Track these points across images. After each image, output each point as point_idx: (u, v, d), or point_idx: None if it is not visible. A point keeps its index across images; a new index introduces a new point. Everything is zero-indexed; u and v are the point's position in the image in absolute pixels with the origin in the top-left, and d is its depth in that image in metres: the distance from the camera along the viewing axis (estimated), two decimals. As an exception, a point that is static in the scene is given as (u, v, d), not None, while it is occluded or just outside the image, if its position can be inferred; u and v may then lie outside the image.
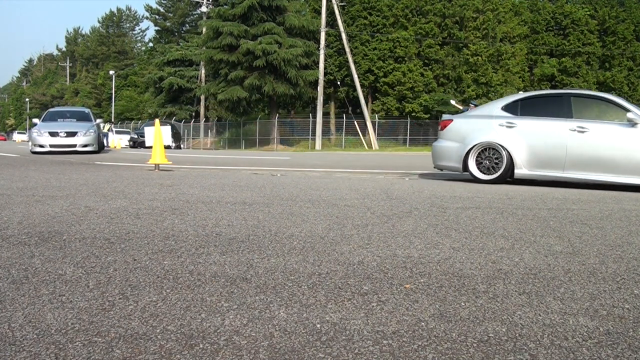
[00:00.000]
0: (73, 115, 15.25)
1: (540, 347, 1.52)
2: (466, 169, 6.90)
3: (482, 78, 29.38)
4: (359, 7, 30.28)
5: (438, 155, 7.35)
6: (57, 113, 15.40)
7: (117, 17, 71.61)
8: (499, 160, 6.66)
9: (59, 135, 13.36)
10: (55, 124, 13.89)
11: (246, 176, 7.16)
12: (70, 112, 15.58)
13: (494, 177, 6.67)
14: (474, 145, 6.82)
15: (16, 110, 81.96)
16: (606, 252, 2.69)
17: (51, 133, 13.32)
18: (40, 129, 13.52)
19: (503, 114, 6.89)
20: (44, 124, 13.96)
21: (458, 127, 7.17)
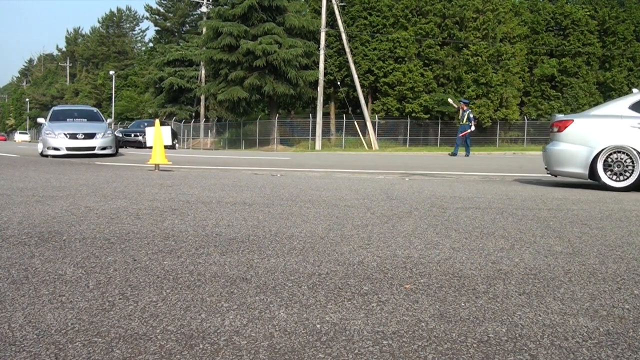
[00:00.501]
0: (82, 114, 14.05)
1: (540, 347, 1.52)
2: (593, 176, 6.14)
3: (482, 78, 29.38)
4: (359, 7, 30.27)
5: (556, 160, 6.57)
6: (64, 112, 14.05)
7: (117, 17, 71.61)
8: (633, 166, 5.96)
9: (77, 137, 12.13)
10: (67, 125, 12.70)
11: (246, 176, 7.16)
12: (79, 112, 14.31)
13: (627, 185, 5.94)
14: (602, 149, 6.09)
15: (16, 110, 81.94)
16: (606, 253, 2.69)
17: (68, 135, 12.06)
18: (54, 129, 12.21)
19: (634, 114, 6.17)
20: (55, 124, 12.71)
21: (581, 129, 6.42)
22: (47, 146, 12.03)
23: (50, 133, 12.18)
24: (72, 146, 12.06)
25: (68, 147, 12.02)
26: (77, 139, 12.15)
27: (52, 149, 12.01)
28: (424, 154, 21.74)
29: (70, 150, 12.02)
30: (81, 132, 12.29)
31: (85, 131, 12.37)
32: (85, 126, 12.85)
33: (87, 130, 12.47)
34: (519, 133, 32.30)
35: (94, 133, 12.39)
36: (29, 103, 74.31)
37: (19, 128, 76.23)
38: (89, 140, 12.27)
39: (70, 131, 12.21)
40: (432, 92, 29.59)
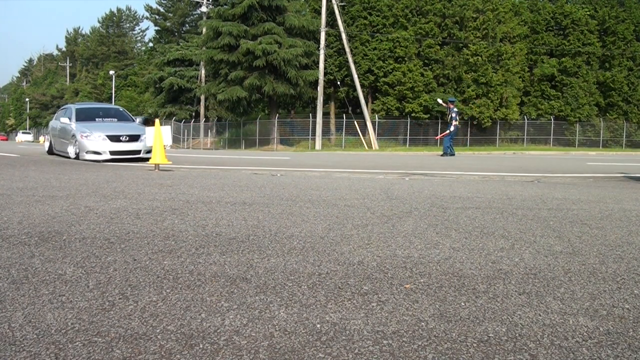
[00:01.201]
0: (108, 113, 12.40)
1: (540, 347, 1.52)
2: None
3: (482, 78, 29.38)
4: (359, 7, 30.28)
5: None
6: (89, 110, 12.24)
7: (117, 17, 71.64)
8: None
9: (121, 139, 10.59)
10: (103, 125, 11.18)
11: (246, 176, 7.16)
12: (103, 110, 12.60)
13: None
14: None
15: (16, 110, 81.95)
16: (606, 252, 2.69)
17: (111, 137, 10.52)
18: (90, 130, 10.60)
19: None
20: (85, 124, 11.11)
21: None
22: (86, 150, 10.34)
23: (87, 134, 10.49)
24: (116, 150, 10.50)
25: (112, 151, 10.45)
26: (120, 141, 10.60)
27: (92, 153, 10.34)
28: (424, 153, 21.74)
29: (115, 154, 10.48)
30: (124, 133, 10.78)
31: (128, 133, 10.86)
32: (124, 127, 11.34)
33: (129, 131, 10.97)
34: (519, 133, 32.30)
35: (138, 135, 10.86)
36: (29, 103, 74.31)
37: (19, 128, 76.23)
38: (133, 143, 10.75)
39: (111, 132, 10.62)
40: (432, 92, 29.59)
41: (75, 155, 10.82)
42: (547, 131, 32.42)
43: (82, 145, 10.53)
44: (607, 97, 32.85)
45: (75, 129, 11.06)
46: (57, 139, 12.27)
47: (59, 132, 11.97)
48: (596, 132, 33.13)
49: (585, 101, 31.95)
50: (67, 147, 11.39)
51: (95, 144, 10.47)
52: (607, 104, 33.08)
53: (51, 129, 12.80)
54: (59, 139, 11.99)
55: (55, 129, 12.44)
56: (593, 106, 32.54)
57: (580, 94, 31.74)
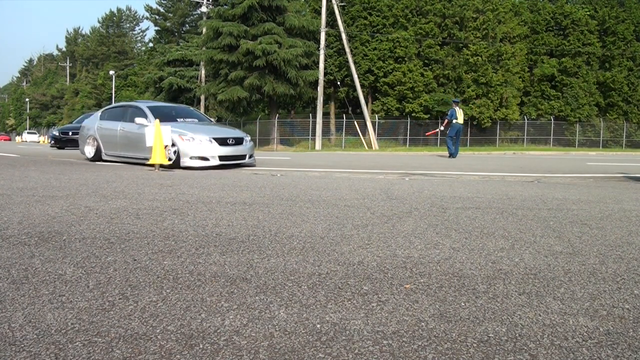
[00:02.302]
0: (183, 112, 10.85)
1: (540, 347, 1.52)
2: None
3: (482, 78, 29.39)
4: (359, 7, 30.28)
5: None
6: (163, 109, 10.56)
7: (117, 17, 71.66)
8: None
9: (228, 143, 9.21)
10: (198, 127, 9.61)
11: (246, 176, 7.16)
12: (176, 109, 11.00)
13: None
14: None
15: (16, 110, 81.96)
16: (606, 252, 2.69)
17: (218, 140, 9.06)
18: (196, 132, 9.03)
19: None
20: (176, 125, 9.43)
21: None
22: (190, 155, 8.80)
23: (192, 137, 8.90)
24: (224, 154, 9.10)
25: (221, 155, 9.04)
26: (228, 144, 9.22)
27: (198, 159, 8.84)
28: (424, 154, 21.74)
29: (223, 160, 9.08)
30: (230, 136, 9.40)
31: (233, 135, 9.51)
32: (222, 128, 10.10)
33: (233, 133, 9.65)
34: (519, 133, 32.31)
35: (242, 137, 9.61)
36: (29, 103, 74.31)
37: (19, 128, 76.21)
38: (240, 147, 9.44)
39: (217, 135, 9.20)
40: (432, 92, 29.60)
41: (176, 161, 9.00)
42: (547, 131, 32.43)
43: (184, 150, 8.81)
44: (607, 97, 32.85)
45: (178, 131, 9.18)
46: (114, 142, 10.19)
47: (125, 134, 9.93)
48: (596, 132, 33.14)
49: (585, 101, 31.95)
50: (138, 150, 9.51)
51: (201, 148, 8.85)
52: (607, 104, 33.08)
53: (99, 129, 10.60)
54: (124, 141, 9.97)
55: (112, 129, 10.27)
56: (593, 106, 32.55)
57: (580, 94, 31.74)
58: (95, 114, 11.70)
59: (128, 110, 10.51)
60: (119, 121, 10.33)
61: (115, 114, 10.82)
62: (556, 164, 12.93)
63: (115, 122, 10.39)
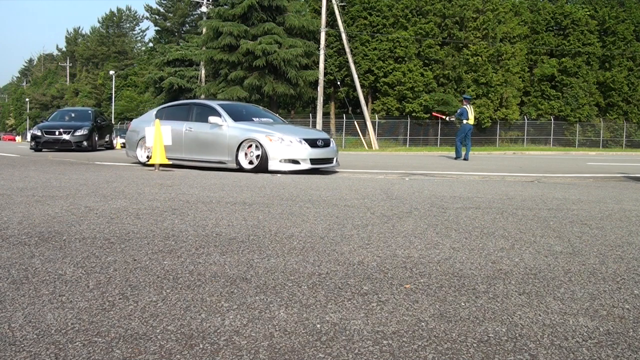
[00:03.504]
0: (256, 112, 9.90)
1: (540, 347, 1.52)
2: None
3: (482, 78, 29.40)
4: (359, 7, 30.30)
5: None
6: (236, 108, 9.60)
7: (117, 17, 71.68)
8: None
9: (318, 144, 8.35)
10: (280, 127, 8.75)
11: (246, 176, 7.16)
12: (246, 108, 9.99)
13: None
14: None
15: (16, 110, 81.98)
16: (606, 252, 2.69)
17: (309, 141, 8.21)
18: (284, 133, 8.18)
19: None
20: (257, 125, 8.63)
21: None
22: (280, 158, 7.96)
23: (281, 138, 8.05)
24: (316, 157, 8.21)
25: (312, 159, 8.14)
26: (317, 146, 8.31)
27: (288, 162, 8.01)
28: (424, 153, 21.74)
29: (315, 163, 8.20)
30: (319, 137, 8.56)
31: (321, 136, 8.69)
32: (305, 129, 9.31)
33: (319, 134, 8.84)
34: (519, 133, 32.32)
35: (329, 139, 8.76)
36: (29, 103, 74.32)
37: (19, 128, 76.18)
38: (328, 149, 8.53)
39: (306, 136, 8.35)
40: (432, 92, 29.61)
41: (239, 166, 8.27)
42: (547, 131, 32.44)
43: (273, 152, 7.98)
44: (607, 97, 32.86)
45: (247, 129, 8.39)
46: (178, 144, 9.10)
47: (193, 135, 8.99)
48: (596, 132, 33.14)
49: (585, 101, 31.95)
50: (210, 153, 8.75)
51: (292, 150, 8.01)
52: (607, 104, 33.09)
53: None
54: (191, 143, 9.02)
55: (174, 130, 8.99)
56: (593, 106, 32.56)
57: (580, 94, 31.75)
58: (146, 114, 10.70)
59: (193, 108, 9.48)
60: (183, 121, 9.28)
61: (176, 113, 9.74)
62: (556, 164, 12.93)
63: (178, 122, 9.29)
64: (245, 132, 8.34)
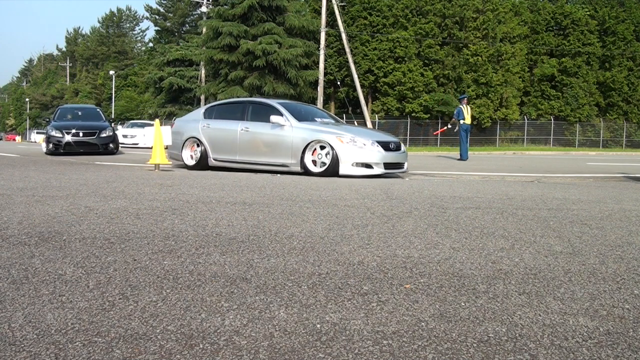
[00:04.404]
0: (313, 112, 9.18)
1: (540, 347, 1.52)
2: None
3: (482, 78, 29.40)
4: (359, 7, 30.30)
5: None
6: (295, 106, 8.90)
7: (117, 17, 71.67)
8: None
9: (390, 147, 7.86)
10: (350, 128, 8.29)
11: (246, 176, 7.16)
12: (305, 109, 9.21)
13: None
14: None
15: (16, 110, 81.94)
16: (606, 252, 2.69)
17: (382, 144, 7.73)
18: (356, 135, 7.65)
19: None
20: (322, 126, 8.04)
21: None
22: (352, 161, 7.43)
23: (354, 140, 7.52)
24: (389, 162, 7.74)
25: (386, 163, 7.65)
26: (390, 150, 7.81)
27: (361, 166, 7.48)
28: (424, 153, 21.74)
29: (388, 167, 7.71)
30: (391, 140, 8.05)
31: (392, 139, 8.19)
32: (378, 132, 8.80)
33: (390, 137, 8.25)
34: (519, 133, 32.32)
35: (399, 142, 8.24)
36: (29, 103, 74.29)
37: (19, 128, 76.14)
38: (399, 154, 8.00)
39: (379, 138, 7.87)
40: (432, 92, 29.61)
41: (304, 169, 7.68)
42: (547, 131, 32.44)
43: (344, 155, 7.43)
44: (607, 97, 32.85)
45: (315, 130, 7.79)
46: (232, 145, 8.47)
47: (250, 135, 8.30)
48: (596, 132, 33.14)
49: (585, 101, 31.95)
50: (270, 155, 8.13)
51: (365, 153, 7.49)
52: (607, 104, 33.09)
53: (206, 130, 8.81)
54: (248, 144, 8.33)
55: (228, 130, 8.55)
56: (593, 106, 32.56)
57: (580, 94, 31.75)
58: (192, 113, 9.85)
59: (248, 107, 8.74)
60: (237, 120, 8.57)
61: (228, 112, 9.02)
62: (556, 164, 12.93)
63: (232, 121, 8.62)
64: (313, 133, 7.72)
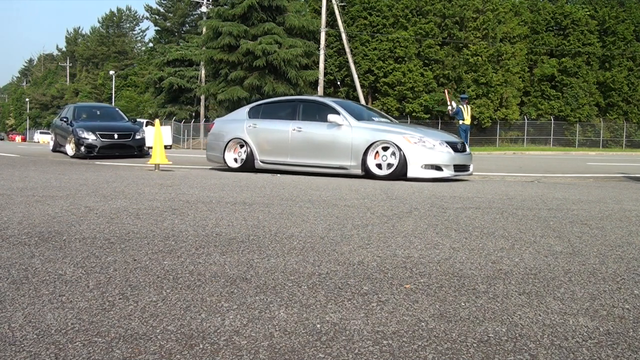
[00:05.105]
0: (364, 111, 8.70)
1: (540, 347, 1.52)
2: None
3: (482, 78, 29.40)
4: (359, 7, 30.30)
5: None
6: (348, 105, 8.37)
7: (117, 17, 71.68)
8: None
9: (458, 149, 7.42)
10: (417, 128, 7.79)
11: (246, 176, 7.16)
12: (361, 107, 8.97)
13: None
14: None
15: (16, 110, 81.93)
16: (606, 252, 2.69)
17: (452, 145, 7.29)
18: (424, 135, 7.19)
19: None
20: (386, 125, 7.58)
21: None
22: (422, 163, 6.93)
23: (423, 140, 7.04)
24: (459, 164, 7.24)
25: (456, 165, 7.17)
26: (458, 151, 7.37)
27: (431, 168, 7.00)
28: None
29: (458, 170, 7.23)
30: (458, 141, 7.66)
31: (459, 140, 7.81)
32: (440, 132, 8.44)
33: (454, 138, 7.86)
34: (519, 133, 32.32)
35: (464, 142, 7.96)
36: (29, 103, 74.27)
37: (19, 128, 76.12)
38: (467, 155, 7.62)
39: (447, 139, 7.44)
40: (432, 92, 29.61)
41: (365, 172, 7.22)
42: (547, 131, 32.44)
43: (413, 156, 6.92)
44: (607, 97, 32.86)
45: (378, 129, 7.32)
46: (283, 146, 8.01)
47: (303, 136, 7.82)
48: (596, 132, 33.15)
49: (585, 101, 31.95)
50: (327, 156, 7.62)
51: (435, 154, 6.98)
52: (607, 104, 33.09)
53: (252, 130, 8.31)
54: (301, 145, 7.86)
55: (277, 130, 8.10)
56: (593, 106, 32.56)
57: (580, 94, 31.75)
58: (233, 113, 9.41)
59: (299, 106, 8.21)
60: (287, 120, 8.10)
61: (276, 111, 8.51)
62: (556, 164, 12.94)
63: (281, 121, 8.16)
64: (376, 133, 7.22)
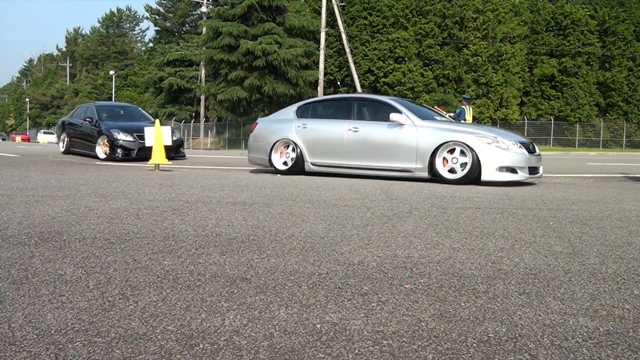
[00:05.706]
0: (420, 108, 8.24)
1: (540, 347, 1.52)
2: None
3: (482, 78, 29.40)
4: (359, 7, 30.30)
5: None
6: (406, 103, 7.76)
7: (117, 17, 71.66)
8: None
9: (531, 150, 6.95)
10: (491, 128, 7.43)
11: (246, 176, 7.16)
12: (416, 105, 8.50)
13: None
14: None
15: (16, 110, 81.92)
16: (606, 253, 2.69)
17: (526, 147, 6.83)
18: (498, 135, 6.74)
19: None
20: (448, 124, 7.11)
21: None
22: (498, 165, 6.47)
23: (497, 141, 6.55)
24: (533, 166, 6.78)
25: (530, 167, 6.71)
26: (531, 153, 6.85)
27: (506, 171, 6.53)
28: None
29: (532, 172, 6.77)
30: (528, 141, 7.15)
31: (528, 140, 7.28)
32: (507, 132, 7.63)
33: (523, 138, 7.35)
34: (519, 133, 32.32)
35: (533, 143, 7.32)
36: (29, 103, 74.26)
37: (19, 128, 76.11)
38: (538, 157, 7.07)
39: (520, 139, 6.98)
40: (432, 92, 29.61)
41: (434, 175, 6.73)
42: (547, 131, 32.44)
43: (488, 158, 6.46)
44: (607, 97, 32.85)
45: (446, 129, 6.82)
46: (338, 147, 7.49)
47: (360, 137, 7.32)
48: (596, 132, 33.15)
49: (585, 101, 31.95)
50: (389, 159, 7.09)
51: (509, 156, 6.53)
52: (607, 104, 33.09)
53: (302, 131, 7.83)
54: (358, 146, 7.33)
55: (330, 131, 7.63)
56: (593, 106, 32.56)
57: (580, 94, 31.75)
58: (279, 112, 8.95)
59: (353, 104, 7.72)
60: (342, 119, 7.61)
61: (328, 110, 8.11)
62: (556, 164, 12.94)
63: (335, 120, 7.69)
64: (445, 133, 6.72)
